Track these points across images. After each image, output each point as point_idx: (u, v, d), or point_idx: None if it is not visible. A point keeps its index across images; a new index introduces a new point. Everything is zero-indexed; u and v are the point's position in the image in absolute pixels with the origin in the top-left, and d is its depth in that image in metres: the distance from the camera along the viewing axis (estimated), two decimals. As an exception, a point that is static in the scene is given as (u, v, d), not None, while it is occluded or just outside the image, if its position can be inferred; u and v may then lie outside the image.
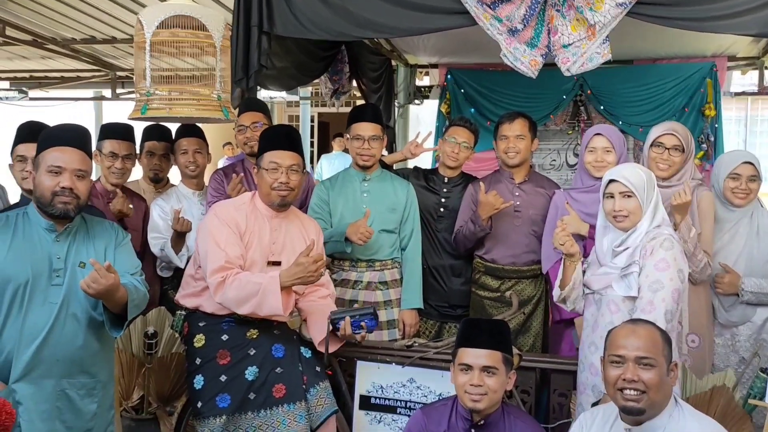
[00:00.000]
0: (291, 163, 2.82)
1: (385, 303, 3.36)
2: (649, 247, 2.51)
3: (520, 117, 3.45)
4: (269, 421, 2.66)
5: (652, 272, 2.47)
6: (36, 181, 2.37)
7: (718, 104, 5.38)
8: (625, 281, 2.55)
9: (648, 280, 2.46)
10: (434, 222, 3.55)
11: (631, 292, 2.52)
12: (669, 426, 2.00)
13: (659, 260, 2.47)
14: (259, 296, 2.63)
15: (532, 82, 5.44)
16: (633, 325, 2.12)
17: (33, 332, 2.31)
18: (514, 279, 3.42)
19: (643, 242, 2.54)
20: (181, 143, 3.58)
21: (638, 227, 2.58)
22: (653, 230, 2.56)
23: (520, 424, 2.42)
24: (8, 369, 2.29)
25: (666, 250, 2.49)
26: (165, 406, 3.20)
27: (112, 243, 2.56)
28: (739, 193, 3.06)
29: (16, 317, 2.31)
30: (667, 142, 3.07)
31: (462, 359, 2.40)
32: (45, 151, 2.38)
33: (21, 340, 2.30)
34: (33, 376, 2.29)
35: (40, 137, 2.45)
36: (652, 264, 2.48)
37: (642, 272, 2.50)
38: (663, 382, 2.03)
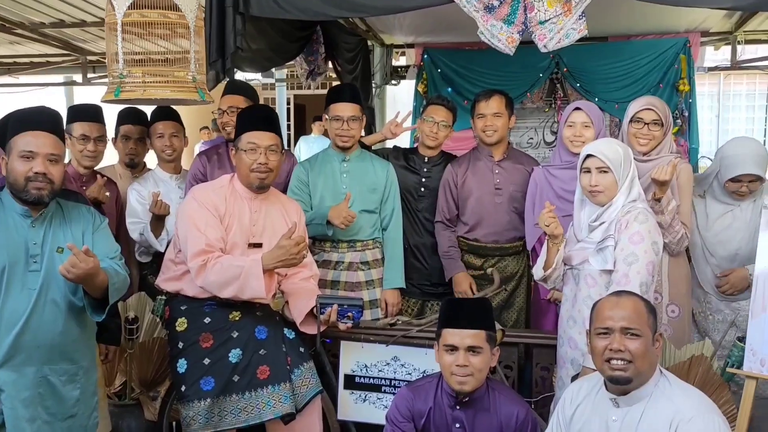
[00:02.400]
0: (269, 144, 2.79)
1: (367, 283, 3.36)
2: (623, 221, 2.55)
3: (497, 94, 3.45)
4: (254, 402, 2.66)
5: (627, 246, 2.50)
6: (9, 167, 2.33)
7: (692, 79, 5.42)
8: (601, 255, 2.58)
9: (623, 253, 2.50)
10: (414, 201, 3.55)
11: (607, 265, 2.55)
12: (654, 395, 2.03)
13: (633, 233, 2.51)
14: (241, 279, 2.61)
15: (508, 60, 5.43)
16: (617, 297, 2.14)
17: (12, 319, 2.27)
18: (497, 256, 3.44)
19: (617, 216, 2.57)
20: (157, 127, 3.52)
21: (614, 202, 2.60)
22: (628, 204, 2.59)
23: (504, 399, 2.44)
24: None
25: (640, 224, 2.52)
26: (148, 392, 3.18)
27: (90, 227, 2.52)
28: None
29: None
30: (646, 117, 3.09)
31: (446, 340, 2.41)
32: (16, 136, 2.33)
33: (0, 327, 2.26)
34: (14, 362, 2.26)
35: (9, 121, 2.40)
36: (627, 237, 2.51)
37: (617, 246, 2.53)
38: (649, 352, 2.05)
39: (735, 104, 10.05)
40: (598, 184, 2.60)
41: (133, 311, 3.13)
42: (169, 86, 2.83)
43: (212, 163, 3.43)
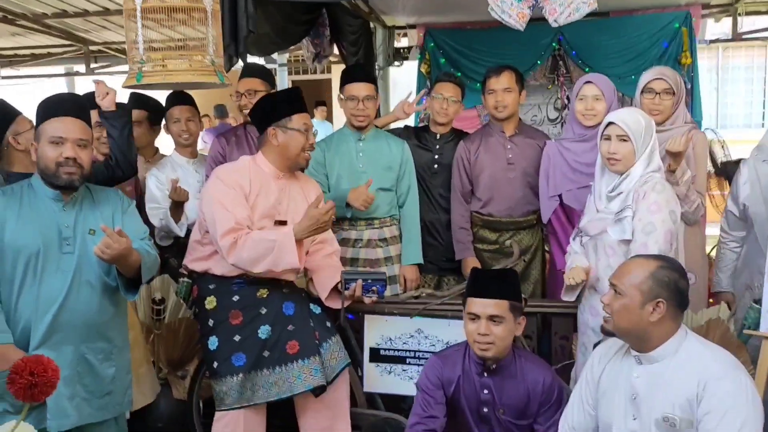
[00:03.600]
0: (312, 126, 2.91)
1: (386, 259, 3.44)
2: (641, 191, 2.59)
3: (507, 70, 3.49)
4: (285, 376, 2.73)
5: (645, 215, 2.55)
6: (39, 152, 2.38)
7: (693, 52, 5.46)
8: (619, 225, 2.62)
9: (641, 223, 2.55)
10: (429, 178, 3.60)
11: (625, 235, 2.60)
12: (679, 354, 2.08)
13: (651, 203, 2.55)
14: (275, 252, 2.67)
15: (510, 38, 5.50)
16: (634, 259, 2.22)
17: (49, 300, 2.34)
18: (511, 230, 3.50)
19: (635, 187, 2.61)
20: (173, 112, 3.57)
21: (632, 172, 2.64)
22: (646, 174, 2.63)
23: (530, 366, 2.51)
24: (26, 338, 2.32)
25: (658, 193, 2.57)
26: (175, 371, 3.25)
27: (119, 209, 2.58)
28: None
29: (30, 287, 2.33)
30: (657, 87, 3.14)
31: (470, 308, 2.47)
32: (45, 123, 2.38)
33: (38, 309, 2.33)
34: (53, 342, 2.33)
35: (38, 109, 2.46)
36: (645, 207, 2.55)
37: (635, 216, 2.57)
38: (628, 312, 2.09)
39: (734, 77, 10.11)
40: (617, 152, 2.63)
41: (159, 293, 3.19)
42: (190, 70, 2.87)
43: (231, 145, 3.48)
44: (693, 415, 2.01)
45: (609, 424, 2.19)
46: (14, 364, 1.52)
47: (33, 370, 1.47)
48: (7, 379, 1.51)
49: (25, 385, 1.47)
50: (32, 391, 1.47)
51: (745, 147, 4.63)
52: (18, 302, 2.33)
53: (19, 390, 1.47)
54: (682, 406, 2.03)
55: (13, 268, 2.31)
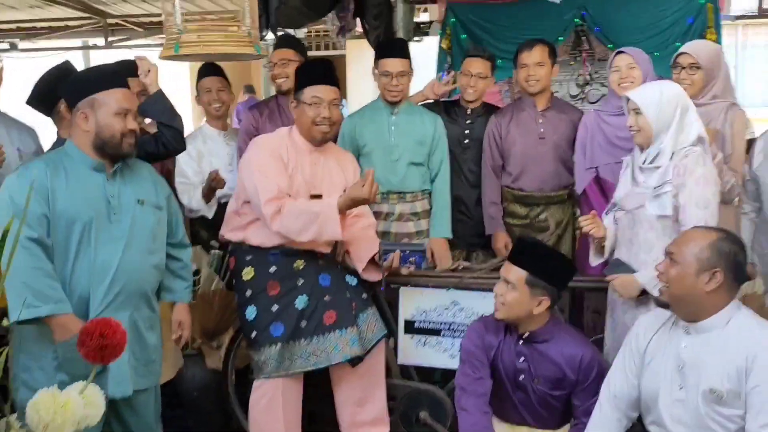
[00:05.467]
0: (333, 98, 2.85)
1: (417, 233, 3.45)
2: (682, 165, 2.54)
3: (539, 44, 3.48)
4: (322, 346, 2.76)
5: (696, 189, 2.50)
6: (99, 122, 2.38)
7: (718, 29, 5.41)
8: (658, 201, 2.59)
9: (694, 197, 2.50)
10: (460, 153, 3.60)
11: (665, 211, 2.56)
12: (729, 326, 2.09)
13: (699, 177, 2.51)
14: (319, 222, 2.68)
15: (532, 14, 5.46)
16: (695, 229, 2.23)
17: (104, 269, 2.36)
18: (542, 205, 3.51)
19: (675, 161, 2.57)
20: (204, 83, 3.58)
21: (663, 147, 2.60)
22: (685, 148, 2.59)
23: (569, 339, 2.52)
24: (84, 306, 2.35)
25: (703, 166, 2.53)
26: (210, 341, 3.28)
27: (159, 183, 2.63)
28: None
29: (85, 256, 2.35)
30: (683, 62, 3.13)
31: (501, 271, 2.53)
32: (104, 93, 2.39)
33: (94, 278, 2.35)
34: (110, 310, 2.35)
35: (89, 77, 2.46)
36: (694, 181, 2.51)
37: (684, 190, 2.52)
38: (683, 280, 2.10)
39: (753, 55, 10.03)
40: (633, 124, 2.63)
41: (192, 264, 3.21)
42: (227, 42, 2.88)
43: (264, 118, 3.49)
44: (741, 387, 2.03)
45: (655, 393, 2.20)
46: (84, 326, 1.54)
47: (103, 332, 1.49)
48: (78, 341, 1.53)
49: (95, 347, 1.49)
50: (102, 353, 1.50)
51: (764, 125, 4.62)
52: (74, 272, 2.35)
53: (89, 351, 1.49)
54: (730, 378, 2.04)
55: (66, 238, 2.33)
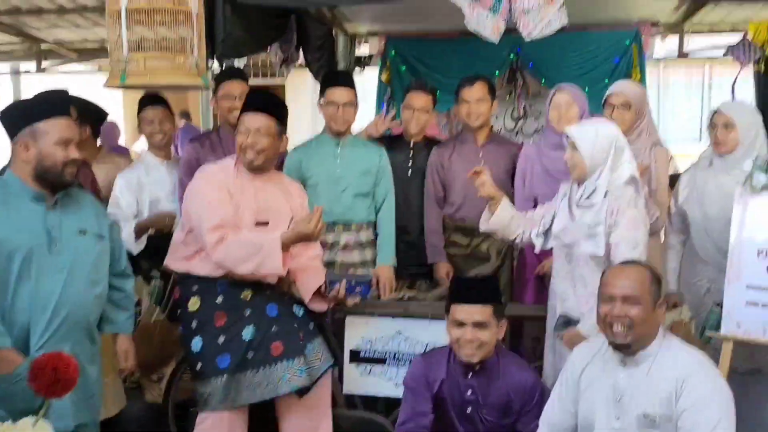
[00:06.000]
0: (258, 126, 2.85)
1: (362, 263, 3.49)
2: (616, 205, 2.66)
3: (480, 80, 3.60)
4: (269, 377, 2.75)
5: (627, 231, 2.62)
6: (42, 152, 2.34)
7: (643, 68, 5.72)
8: (592, 240, 2.68)
9: (625, 239, 2.61)
10: (404, 185, 3.66)
11: (598, 251, 2.65)
12: (660, 354, 2.21)
13: (630, 218, 2.64)
14: (260, 255, 2.70)
15: (470, 50, 5.63)
16: (623, 266, 2.32)
17: (45, 301, 2.31)
18: (482, 235, 3.58)
19: (608, 200, 2.68)
20: (146, 114, 3.55)
21: (598, 184, 2.70)
22: (619, 188, 2.70)
23: (514, 367, 2.60)
24: (24, 339, 2.29)
25: (634, 208, 2.66)
26: (149, 375, 3.22)
27: (101, 213, 2.61)
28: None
29: (25, 288, 2.30)
30: (615, 101, 3.31)
31: (455, 315, 2.54)
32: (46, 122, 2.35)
33: (35, 310, 2.30)
34: (52, 342, 2.30)
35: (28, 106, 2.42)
36: (625, 223, 2.63)
37: (616, 230, 2.63)
38: (649, 318, 2.21)
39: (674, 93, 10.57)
40: (569, 159, 2.75)
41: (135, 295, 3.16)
42: (174, 72, 2.88)
43: (205, 149, 3.49)
44: (672, 412, 2.13)
45: (591, 422, 2.29)
46: (36, 360, 1.51)
47: (56, 366, 1.47)
48: (29, 375, 1.50)
49: (48, 381, 1.46)
50: (55, 388, 1.47)
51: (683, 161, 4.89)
52: (13, 304, 2.29)
53: (41, 386, 1.47)
54: (661, 404, 2.15)
55: (6, 270, 2.28)
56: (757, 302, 2.68)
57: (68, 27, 6.33)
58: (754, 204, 2.73)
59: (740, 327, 2.72)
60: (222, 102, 3.53)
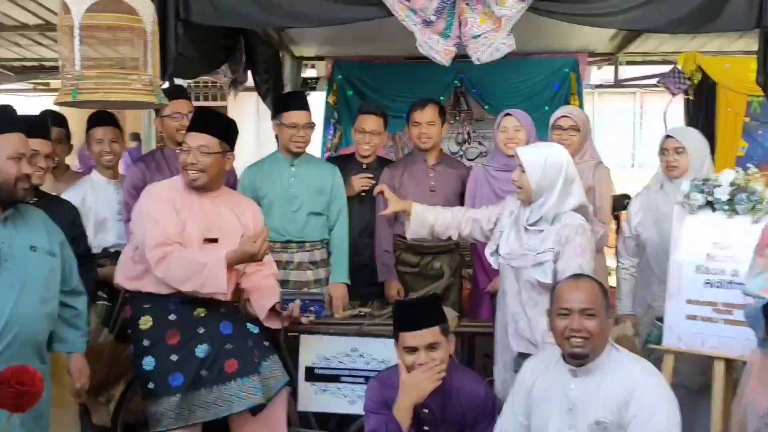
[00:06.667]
0: (199, 144, 2.86)
1: (316, 282, 3.51)
2: (563, 234, 2.73)
3: (431, 103, 3.70)
4: (223, 395, 2.73)
5: (572, 258, 2.70)
6: None
7: (581, 95, 5.96)
8: (540, 268, 2.74)
9: (570, 265, 2.68)
10: (357, 206, 3.71)
11: (546, 278, 2.71)
12: (609, 364, 2.30)
13: (576, 246, 2.72)
14: (204, 274, 2.70)
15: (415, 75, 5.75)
16: (576, 280, 2.39)
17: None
18: (433, 254, 3.67)
19: (557, 227, 2.75)
20: (96, 132, 3.50)
21: (544, 213, 2.76)
22: (566, 216, 2.76)
23: (465, 379, 2.64)
24: None
25: (580, 236, 2.74)
26: (96, 396, 3.14)
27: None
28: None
29: None
30: (564, 124, 3.45)
31: (406, 342, 2.53)
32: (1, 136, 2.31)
33: None
34: (1, 360, 2.22)
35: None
36: (571, 250, 2.71)
37: (562, 257, 2.71)
38: (603, 329, 2.30)
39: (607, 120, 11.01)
40: (516, 180, 2.82)
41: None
42: (128, 89, 2.86)
43: (151, 170, 3.46)
44: (622, 418, 2.22)
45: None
46: (1, 374, 1.48)
47: (21, 380, 1.44)
48: (-8, 388, 1.47)
49: (13, 395, 1.43)
50: (19, 401, 1.44)
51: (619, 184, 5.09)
52: None
53: (6, 400, 1.44)
54: (612, 411, 2.23)
55: None
56: (696, 315, 2.82)
57: (7, 45, 6.20)
58: (692, 222, 2.87)
59: (681, 340, 2.85)
60: (169, 121, 3.52)
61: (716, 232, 2.80)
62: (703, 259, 2.82)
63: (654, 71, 6.10)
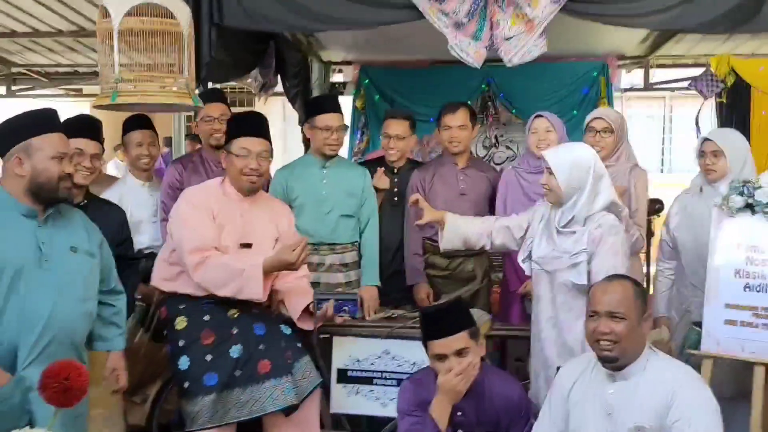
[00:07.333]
0: (261, 149, 2.91)
1: (346, 284, 3.51)
2: (597, 233, 2.71)
3: (463, 107, 3.69)
4: (256, 396, 2.74)
5: (607, 258, 2.68)
6: (37, 167, 2.33)
7: (610, 99, 5.91)
8: (575, 270, 2.72)
9: (604, 266, 2.66)
10: (389, 209, 3.72)
11: (581, 280, 2.70)
12: (648, 369, 2.26)
13: (609, 246, 2.69)
14: (241, 280, 2.73)
15: (442, 79, 5.74)
16: (608, 282, 2.36)
17: (35, 317, 2.28)
18: (462, 257, 3.65)
19: (589, 228, 2.73)
20: (134, 136, 3.55)
21: (576, 214, 2.74)
22: (599, 216, 2.74)
23: (499, 382, 2.61)
24: (11, 357, 2.26)
25: (614, 236, 2.71)
26: (132, 396, 3.17)
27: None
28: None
29: (14, 304, 2.26)
30: (598, 126, 3.42)
31: (434, 350, 2.51)
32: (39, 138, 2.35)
33: (24, 327, 2.27)
34: (40, 359, 2.26)
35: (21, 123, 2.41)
36: (605, 251, 2.69)
37: (596, 258, 2.69)
38: (634, 333, 2.26)
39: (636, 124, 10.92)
40: (545, 183, 2.80)
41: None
42: (165, 92, 2.89)
43: (188, 171, 3.51)
44: (663, 424, 2.18)
45: (582, 439, 2.32)
46: (48, 369, 1.50)
47: (67, 375, 1.46)
48: (40, 384, 1.49)
49: (59, 390, 1.45)
50: (66, 396, 1.46)
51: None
52: (1, 321, 2.25)
53: (52, 395, 1.46)
54: (653, 416, 2.19)
55: None
56: (735, 320, 2.77)
57: (41, 51, 6.31)
58: (730, 225, 2.82)
59: (719, 345, 2.80)
60: (202, 124, 3.56)
61: (756, 235, 2.75)
62: (743, 263, 2.77)
63: (685, 74, 6.04)
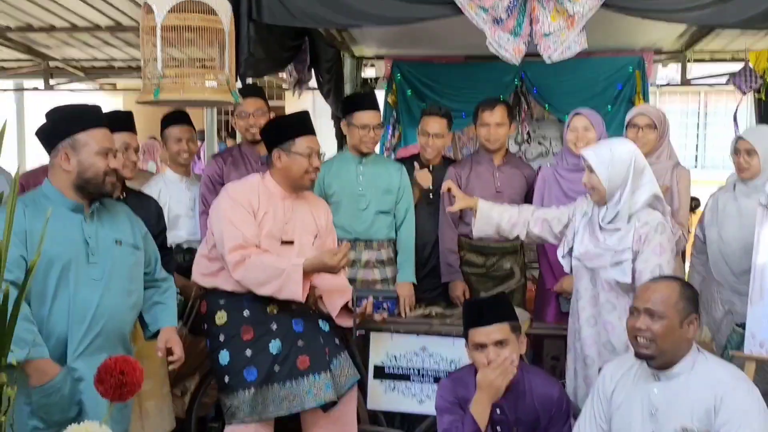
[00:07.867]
0: (318, 148, 2.97)
1: (382, 281, 3.52)
2: (643, 232, 2.68)
3: (500, 105, 3.67)
4: (295, 391, 2.76)
5: (652, 257, 2.65)
6: (84, 162, 2.37)
7: (646, 95, 5.81)
8: (619, 268, 2.69)
9: (649, 265, 2.64)
10: (425, 206, 3.71)
11: (625, 278, 2.67)
12: (695, 370, 2.23)
13: (656, 245, 2.66)
14: (281, 280, 2.75)
15: (475, 74, 5.70)
16: (654, 281, 2.35)
17: (83, 310, 2.32)
18: (498, 255, 3.64)
19: (635, 226, 2.69)
20: (173, 131, 3.59)
21: (620, 210, 2.70)
22: (645, 214, 2.71)
23: (538, 381, 2.61)
24: (61, 349, 2.30)
25: (660, 234, 2.68)
26: (172, 388, 3.21)
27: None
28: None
29: (63, 297, 2.31)
30: (640, 122, 3.38)
31: (474, 339, 2.53)
32: (85, 133, 2.38)
33: (72, 320, 2.31)
34: (89, 352, 2.31)
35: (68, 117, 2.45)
36: (651, 250, 2.66)
37: (641, 256, 2.67)
38: (673, 333, 2.22)
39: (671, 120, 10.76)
40: (587, 182, 2.77)
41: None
42: (206, 88, 2.92)
43: (228, 166, 3.54)
44: (711, 426, 2.15)
45: (625, 438, 2.31)
46: (104, 363, 1.53)
47: (123, 370, 1.48)
48: (96, 378, 1.51)
49: (115, 385, 1.48)
50: (121, 391, 1.48)
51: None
52: (51, 314, 2.30)
53: (108, 389, 1.48)
54: (700, 418, 2.16)
55: (44, 280, 2.29)
56: (780, 321, 2.73)
57: (78, 46, 6.38)
58: (775, 225, 2.79)
59: (763, 347, 2.76)
60: (238, 119, 3.59)
61: (801, 235, 2.72)
62: (788, 263, 2.73)
63: (722, 69, 5.94)
